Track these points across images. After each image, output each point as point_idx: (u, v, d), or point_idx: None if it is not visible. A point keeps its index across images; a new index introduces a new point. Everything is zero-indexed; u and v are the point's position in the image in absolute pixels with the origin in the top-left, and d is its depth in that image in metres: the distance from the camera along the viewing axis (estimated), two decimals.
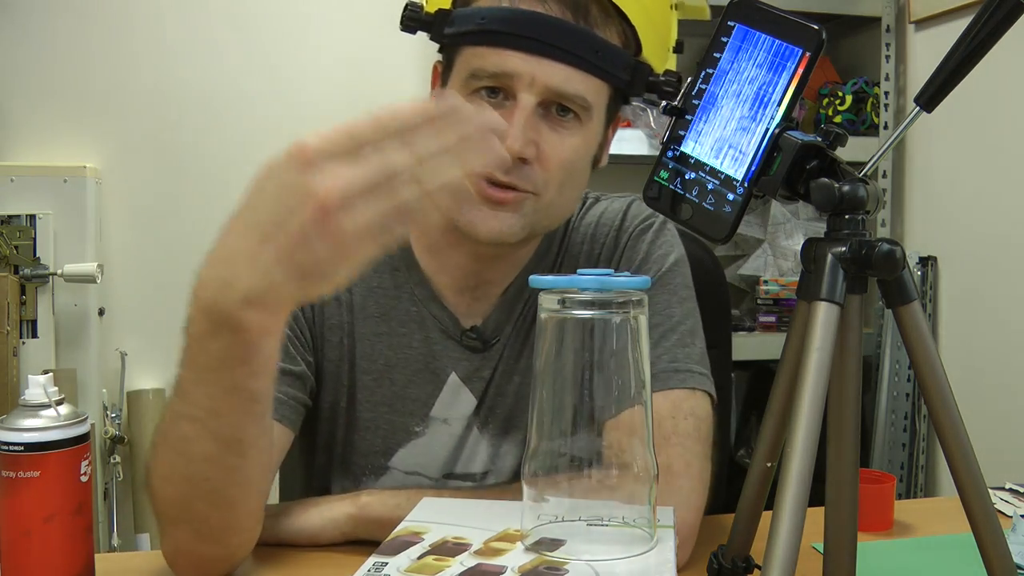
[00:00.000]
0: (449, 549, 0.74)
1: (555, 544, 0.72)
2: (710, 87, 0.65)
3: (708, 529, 0.93)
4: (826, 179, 0.61)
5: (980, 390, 2.08)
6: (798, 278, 0.64)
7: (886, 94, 2.44)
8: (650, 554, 0.72)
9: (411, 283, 1.05)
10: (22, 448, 0.74)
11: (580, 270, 0.73)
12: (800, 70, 0.61)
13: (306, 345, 1.01)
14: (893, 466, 2.34)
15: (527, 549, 0.73)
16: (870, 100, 2.44)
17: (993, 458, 1.10)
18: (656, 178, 0.67)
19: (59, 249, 2.14)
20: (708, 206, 0.64)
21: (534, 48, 0.90)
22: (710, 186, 0.64)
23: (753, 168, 0.62)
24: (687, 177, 0.65)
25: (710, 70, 0.65)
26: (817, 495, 0.59)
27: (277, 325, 0.71)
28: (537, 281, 0.73)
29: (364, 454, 1.05)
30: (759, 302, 2.41)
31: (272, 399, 0.79)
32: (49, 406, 0.76)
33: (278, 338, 0.73)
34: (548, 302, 0.72)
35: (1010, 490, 1.18)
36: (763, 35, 0.63)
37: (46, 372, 0.80)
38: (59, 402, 0.77)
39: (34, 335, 2.12)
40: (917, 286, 1.62)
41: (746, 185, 0.62)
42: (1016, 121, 2.07)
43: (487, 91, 0.92)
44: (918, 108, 0.66)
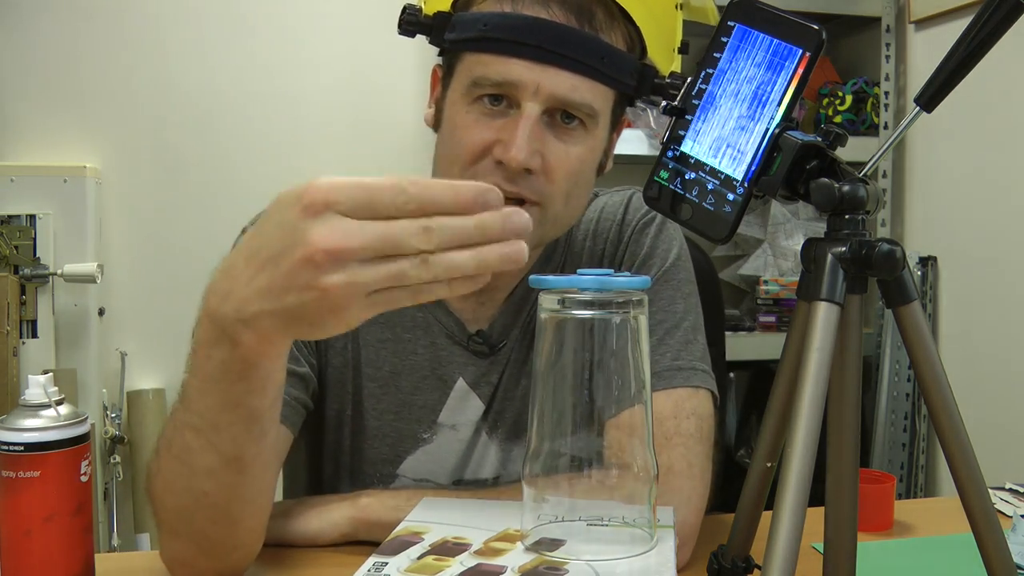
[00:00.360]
0: (449, 549, 0.74)
1: (555, 544, 0.72)
2: (710, 87, 0.65)
3: (708, 529, 0.93)
4: (826, 179, 0.61)
5: (980, 390, 2.08)
6: (798, 278, 0.64)
7: (886, 94, 2.44)
8: (650, 554, 0.72)
9: None
10: (22, 448, 0.74)
11: (580, 270, 0.73)
12: (800, 70, 0.61)
13: (310, 347, 1.01)
14: (893, 466, 2.34)
15: (527, 549, 0.73)
16: (870, 100, 2.44)
17: (993, 458, 1.10)
18: (656, 178, 0.67)
19: (59, 249, 2.14)
20: (708, 206, 0.64)
21: (538, 56, 0.88)
22: (710, 186, 0.64)
23: (753, 168, 0.62)
24: (687, 177, 0.65)
25: (710, 70, 0.65)
26: (817, 495, 0.59)
27: (274, 350, 0.69)
28: (537, 281, 0.73)
29: (372, 462, 1.05)
30: (759, 302, 2.41)
31: (276, 419, 0.78)
32: (49, 406, 0.76)
33: (279, 363, 0.71)
34: (548, 302, 0.72)
35: (1010, 490, 1.18)
36: (763, 35, 0.63)
37: (46, 372, 0.80)
38: (59, 402, 0.77)
39: (34, 335, 2.11)
40: (917, 286, 1.62)
41: (746, 185, 0.62)
42: (1016, 121, 2.07)
43: (490, 99, 0.91)
44: (918, 108, 0.66)
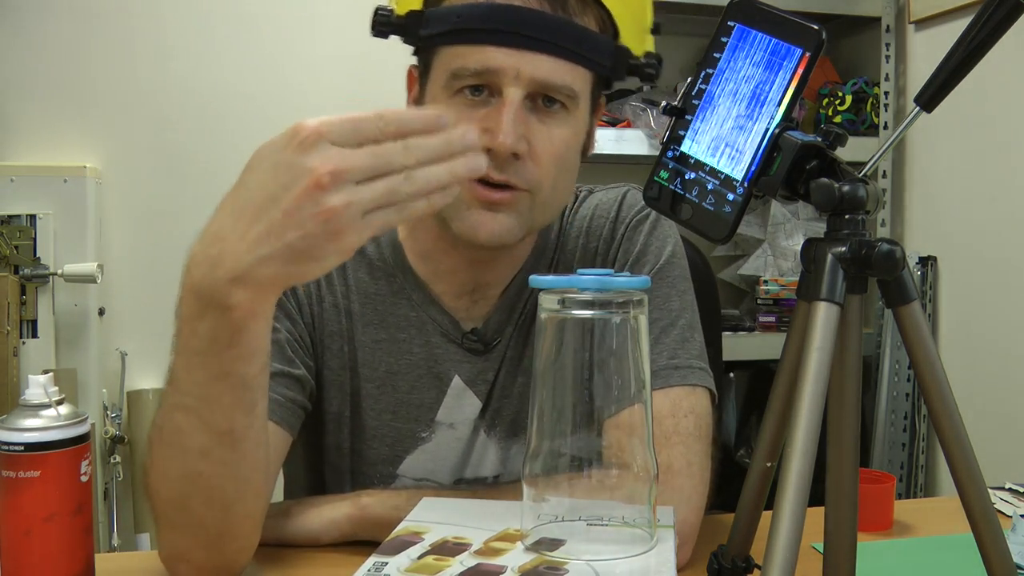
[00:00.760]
0: (449, 549, 0.74)
1: (555, 544, 0.72)
2: (710, 87, 0.65)
3: (708, 529, 0.93)
4: (826, 179, 0.61)
5: (980, 390, 2.08)
6: (798, 278, 0.64)
7: (886, 94, 2.44)
8: (650, 554, 0.72)
9: (408, 288, 1.04)
10: (22, 448, 0.74)
11: (580, 270, 0.73)
12: (800, 70, 0.61)
13: (306, 350, 1.00)
14: (893, 466, 2.34)
15: (527, 549, 0.73)
16: (870, 100, 2.44)
17: (993, 458, 1.10)
18: (656, 178, 0.67)
19: (59, 249, 2.14)
20: (708, 206, 0.64)
21: (515, 42, 0.89)
22: (710, 186, 0.64)
23: (753, 168, 0.62)
24: (687, 177, 0.65)
25: (710, 70, 0.65)
26: (817, 495, 0.59)
27: (264, 306, 0.72)
28: (537, 281, 0.73)
29: (372, 463, 1.05)
30: (759, 302, 2.41)
31: (265, 390, 0.79)
32: (49, 406, 0.76)
33: (266, 322, 0.73)
34: (548, 302, 0.72)
35: (1010, 490, 1.18)
36: (763, 35, 0.63)
37: (46, 372, 0.80)
38: (59, 402, 0.77)
39: (34, 335, 2.12)
40: (917, 286, 1.62)
41: (746, 185, 0.62)
42: (1016, 121, 2.07)
43: (471, 90, 0.91)
44: (918, 108, 0.66)
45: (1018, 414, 2.03)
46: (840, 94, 2.44)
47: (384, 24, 0.93)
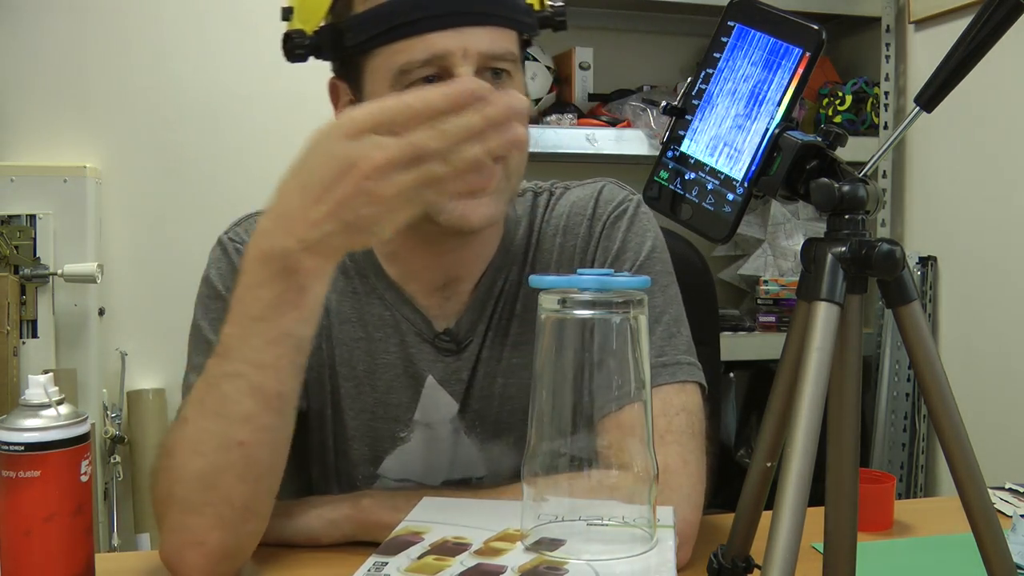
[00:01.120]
0: (449, 549, 0.74)
1: (555, 544, 0.72)
2: (710, 87, 0.65)
3: (708, 529, 0.93)
4: (826, 179, 0.61)
5: (980, 390, 2.09)
6: (798, 278, 0.64)
7: (886, 94, 2.44)
8: (650, 554, 0.72)
9: (381, 288, 1.04)
10: (22, 448, 0.75)
11: (580, 270, 0.73)
12: (800, 70, 0.61)
13: None
14: (893, 466, 2.34)
15: (527, 549, 0.73)
16: (870, 100, 2.44)
17: (993, 458, 1.10)
18: (656, 178, 0.67)
19: (59, 249, 2.14)
20: (708, 206, 0.64)
21: (454, 21, 0.90)
22: (710, 186, 0.64)
23: (753, 168, 0.62)
24: (687, 177, 0.65)
25: (710, 70, 0.65)
26: (817, 495, 0.59)
27: (328, 270, 0.80)
28: (537, 281, 0.73)
29: (355, 463, 1.05)
30: (759, 302, 2.41)
31: (306, 363, 0.83)
32: (49, 406, 0.76)
33: (326, 284, 0.80)
34: (548, 302, 0.72)
35: (1010, 490, 1.18)
36: (763, 35, 0.63)
37: (46, 372, 0.80)
38: (59, 402, 0.77)
39: (34, 335, 2.12)
40: (917, 286, 1.62)
41: (746, 185, 0.62)
42: (1016, 121, 2.07)
43: (424, 81, 0.91)
44: (918, 108, 0.66)
45: (1018, 414, 2.03)
46: (840, 94, 2.44)
47: (301, 47, 0.96)
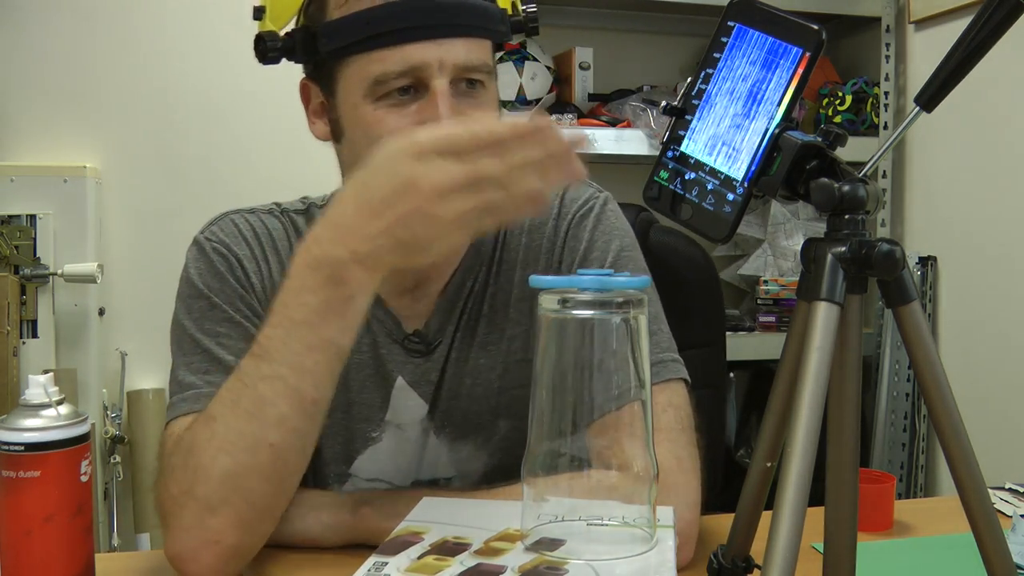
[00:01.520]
0: (449, 549, 0.74)
1: (555, 544, 0.72)
2: (710, 87, 0.65)
3: (708, 529, 0.93)
4: (826, 179, 0.61)
5: (980, 390, 2.08)
6: (798, 278, 0.64)
7: (886, 94, 2.44)
8: (650, 554, 0.72)
9: None
10: (22, 448, 0.74)
11: (580, 270, 0.73)
12: (800, 70, 0.61)
13: None
14: (893, 466, 2.34)
15: (527, 549, 0.73)
16: (870, 100, 2.44)
17: (993, 458, 1.10)
18: (656, 178, 0.67)
19: (59, 249, 2.14)
20: (708, 206, 0.64)
21: (430, 33, 0.90)
22: (710, 186, 0.64)
23: (753, 168, 0.62)
24: (687, 177, 0.65)
25: (710, 70, 0.65)
26: (817, 495, 0.59)
27: (375, 283, 0.80)
28: (537, 281, 0.73)
29: (327, 461, 1.05)
30: (759, 302, 2.41)
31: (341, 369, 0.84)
32: (49, 406, 0.76)
33: (371, 297, 0.81)
34: (548, 302, 0.72)
35: (1010, 490, 1.18)
36: (763, 35, 0.63)
37: (46, 372, 0.80)
38: (59, 402, 0.77)
39: (34, 335, 2.12)
40: (917, 286, 1.62)
41: (746, 185, 0.62)
42: (1016, 121, 2.07)
43: (399, 91, 0.91)
44: (918, 108, 0.66)
45: (1018, 414, 2.03)
46: (840, 94, 2.44)
47: (275, 49, 0.95)
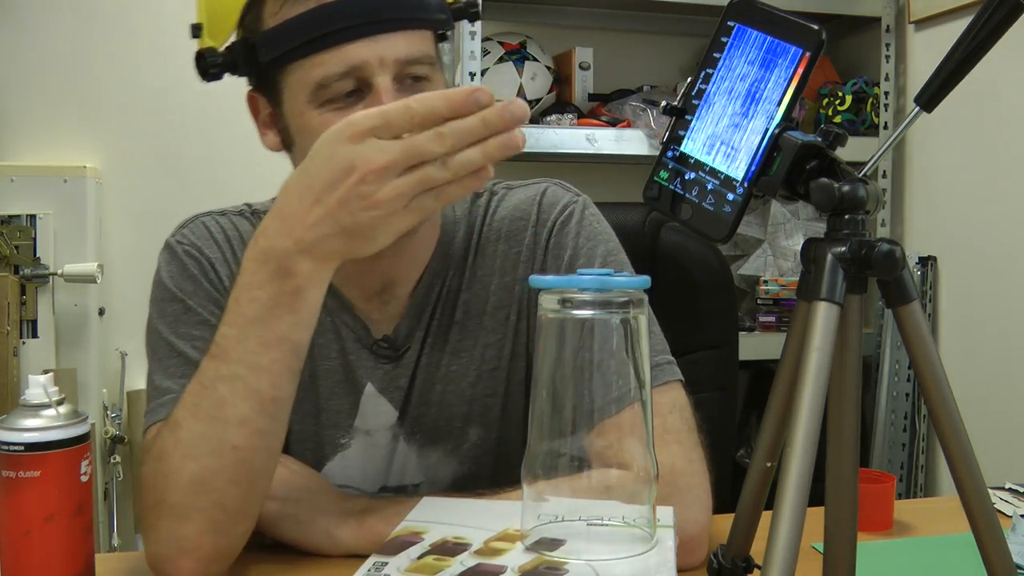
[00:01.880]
0: (449, 549, 0.74)
1: (555, 544, 0.72)
2: (710, 87, 0.65)
3: (710, 529, 0.93)
4: (826, 179, 0.61)
5: (980, 390, 2.08)
6: (798, 278, 0.64)
7: (886, 94, 2.44)
8: (650, 554, 0.72)
9: None
10: (22, 448, 0.74)
11: (580, 270, 0.73)
12: (800, 70, 0.61)
13: None
14: (893, 466, 2.34)
15: (527, 549, 0.73)
16: (870, 100, 2.44)
17: (993, 458, 1.10)
18: (656, 178, 0.67)
19: (59, 249, 2.14)
20: (708, 206, 0.64)
21: (368, 31, 0.89)
22: (710, 186, 0.64)
23: (753, 168, 0.62)
24: (687, 177, 0.65)
25: (710, 70, 0.65)
26: (817, 495, 0.59)
27: (325, 275, 0.80)
28: (537, 281, 0.73)
29: None
30: (759, 302, 2.41)
31: (301, 368, 0.83)
32: (49, 406, 0.76)
33: (322, 292, 0.80)
34: (548, 302, 0.72)
35: (1010, 490, 1.18)
36: (763, 35, 0.63)
37: (46, 372, 0.80)
38: (59, 402, 0.77)
39: (34, 335, 2.12)
40: (917, 286, 1.62)
41: (746, 185, 0.62)
42: (1016, 121, 2.07)
43: (344, 96, 0.90)
44: (918, 108, 0.66)
45: (1018, 414, 2.03)
46: (840, 94, 2.44)
47: (216, 65, 0.94)
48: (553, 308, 0.72)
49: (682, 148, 0.66)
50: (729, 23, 0.65)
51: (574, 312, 0.71)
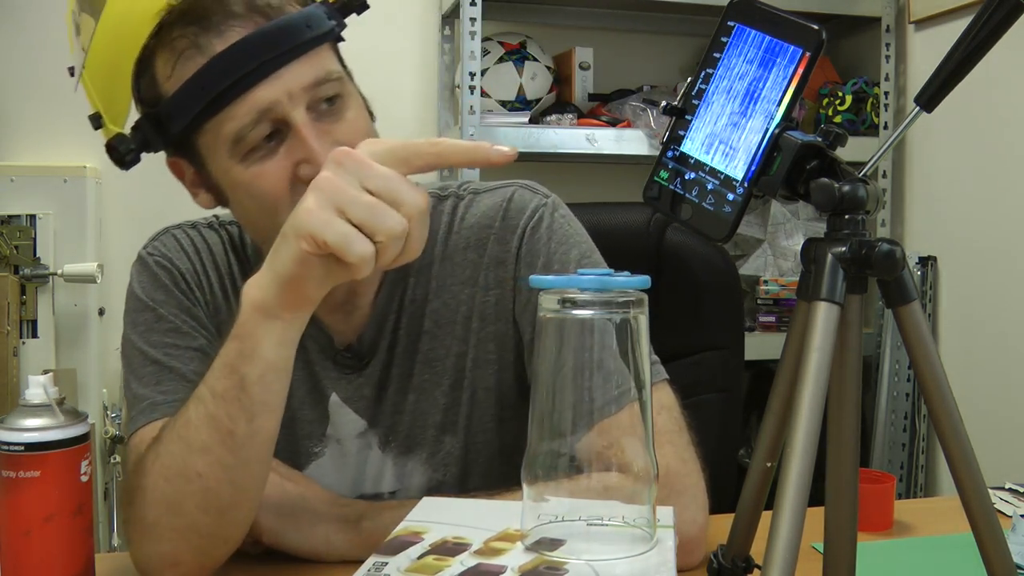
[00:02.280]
0: (449, 549, 0.74)
1: (555, 544, 0.72)
2: (710, 87, 0.65)
3: (708, 529, 0.93)
4: (826, 179, 0.61)
5: (980, 390, 2.08)
6: (798, 278, 0.64)
7: (886, 94, 2.44)
8: (650, 554, 0.71)
9: None
10: (22, 448, 0.75)
11: (580, 270, 0.73)
12: (800, 70, 0.61)
13: (200, 359, 0.98)
14: (893, 466, 2.34)
15: (527, 549, 0.73)
16: (870, 100, 2.44)
17: (993, 458, 1.10)
18: (656, 178, 0.67)
19: (59, 249, 2.14)
20: (708, 206, 0.64)
21: (265, 70, 0.86)
22: (710, 186, 0.64)
23: (753, 168, 0.62)
24: (687, 177, 0.65)
25: (710, 70, 0.65)
26: (817, 495, 0.59)
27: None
28: (537, 281, 0.73)
29: None
30: (759, 302, 2.41)
31: (272, 409, 0.81)
32: (49, 406, 0.76)
33: (276, 340, 0.80)
34: (548, 302, 0.72)
35: (1010, 490, 1.18)
36: (763, 35, 0.63)
37: (46, 372, 0.80)
38: (59, 402, 0.77)
39: (34, 335, 2.12)
40: (917, 286, 1.62)
41: (746, 185, 0.62)
42: (1016, 121, 2.07)
43: (264, 140, 0.88)
44: (918, 108, 0.66)
45: (1018, 414, 2.03)
46: (840, 94, 2.44)
47: (131, 149, 0.92)
48: (553, 308, 0.72)
49: (682, 148, 0.66)
50: (729, 23, 0.65)
51: (574, 312, 0.71)
